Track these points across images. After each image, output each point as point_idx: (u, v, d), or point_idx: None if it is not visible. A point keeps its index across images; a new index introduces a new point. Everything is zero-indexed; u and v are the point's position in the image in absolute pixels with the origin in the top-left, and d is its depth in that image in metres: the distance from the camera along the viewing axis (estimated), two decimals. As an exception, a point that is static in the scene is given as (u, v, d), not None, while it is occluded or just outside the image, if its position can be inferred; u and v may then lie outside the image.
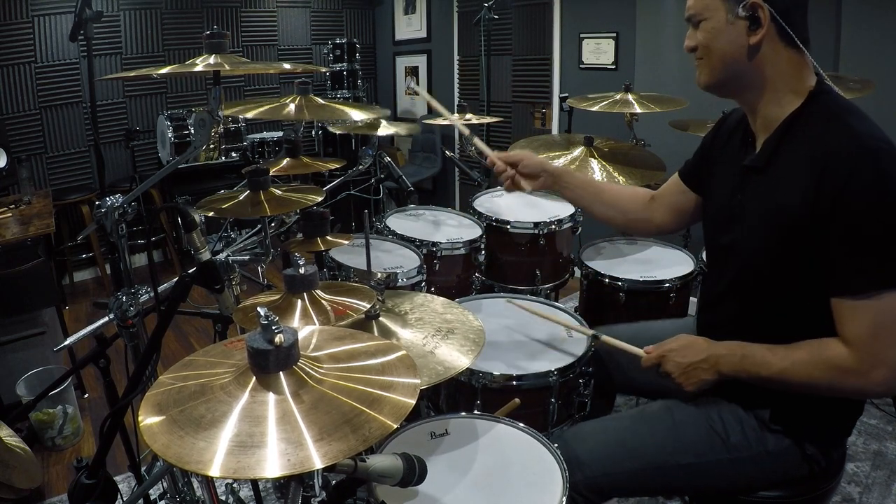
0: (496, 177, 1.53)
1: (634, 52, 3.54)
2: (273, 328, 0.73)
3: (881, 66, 2.52)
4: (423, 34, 5.16)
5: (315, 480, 0.81)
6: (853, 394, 1.09)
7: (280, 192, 1.49)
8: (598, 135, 2.37)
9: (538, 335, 1.56)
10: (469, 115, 2.55)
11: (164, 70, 1.25)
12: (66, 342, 1.24)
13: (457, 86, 4.91)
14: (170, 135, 3.93)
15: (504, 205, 2.31)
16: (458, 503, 1.00)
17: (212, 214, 1.39)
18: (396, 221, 2.25)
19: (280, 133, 4.48)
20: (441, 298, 1.43)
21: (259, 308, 0.75)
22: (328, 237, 1.51)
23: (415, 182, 3.97)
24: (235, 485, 1.87)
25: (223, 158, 4.26)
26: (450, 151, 3.70)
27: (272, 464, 0.63)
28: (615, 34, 3.63)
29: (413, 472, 0.88)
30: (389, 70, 5.59)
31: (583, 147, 2.28)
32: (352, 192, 2.59)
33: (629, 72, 3.55)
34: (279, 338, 0.73)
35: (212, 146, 4.17)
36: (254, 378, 0.74)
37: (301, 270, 1.10)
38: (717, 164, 1.27)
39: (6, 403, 2.40)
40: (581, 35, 3.83)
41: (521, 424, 1.19)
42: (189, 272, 1.12)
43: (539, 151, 2.24)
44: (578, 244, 2.23)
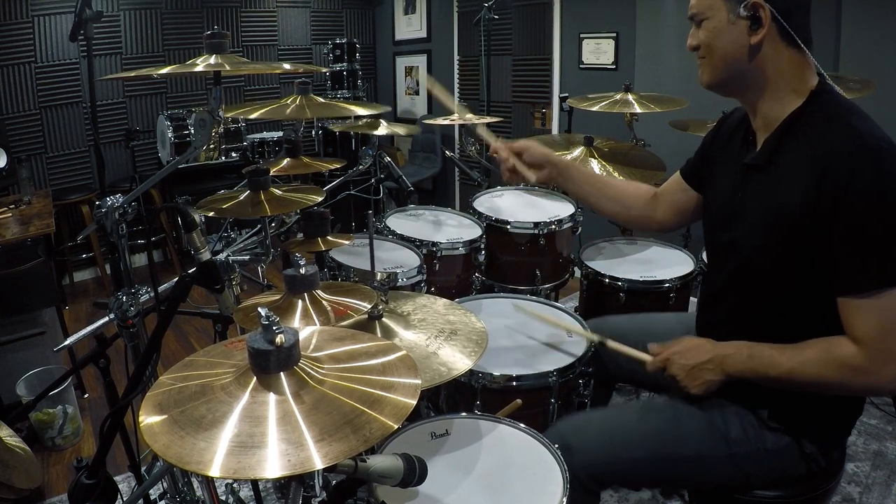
0: (497, 166, 1.52)
1: (634, 52, 3.54)
2: (274, 328, 0.73)
3: (881, 66, 2.52)
4: (423, 34, 5.16)
5: (315, 481, 0.82)
6: (863, 392, 1.09)
7: (280, 192, 1.49)
8: (598, 135, 2.37)
9: (538, 335, 1.56)
10: (469, 115, 2.55)
11: (165, 70, 1.25)
12: (66, 342, 1.24)
13: (457, 86, 4.91)
14: (170, 135, 3.92)
15: (504, 205, 2.30)
16: (459, 503, 1.00)
17: (212, 214, 1.39)
18: (396, 221, 2.25)
19: (280, 133, 4.47)
20: (443, 300, 1.43)
21: (260, 308, 0.75)
22: (328, 237, 1.51)
23: (415, 182, 3.97)
24: (236, 485, 1.87)
25: (223, 158, 4.26)
26: (450, 151, 3.70)
27: (273, 464, 0.63)
28: (615, 34, 3.63)
29: (413, 473, 0.88)
30: (389, 70, 5.59)
31: (583, 147, 2.28)
32: (352, 192, 2.59)
33: (629, 72, 3.55)
34: (280, 338, 0.73)
35: (212, 146, 4.17)
36: (254, 378, 0.74)
37: (301, 270, 1.10)
38: (718, 164, 1.28)
39: (6, 403, 2.40)
40: (581, 35, 3.83)
41: (522, 425, 1.19)
42: (189, 272, 1.12)
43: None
44: (578, 244, 2.23)
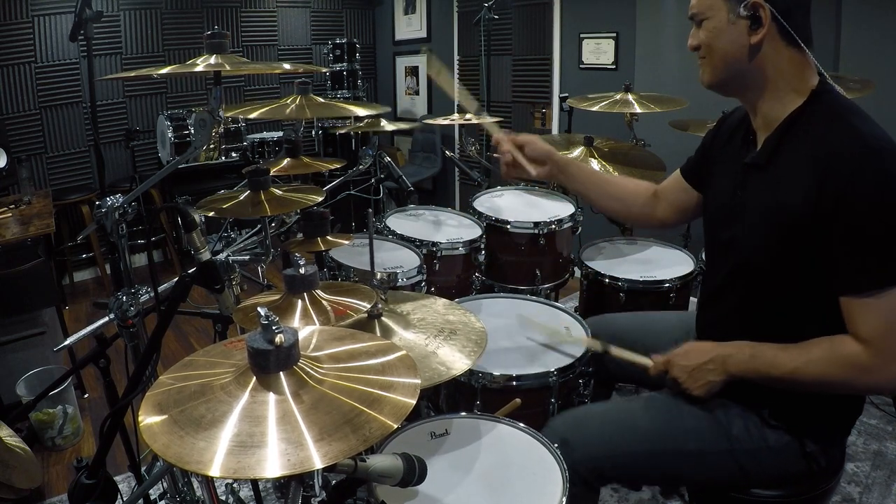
0: (497, 162, 1.52)
1: (634, 52, 3.54)
2: (273, 328, 0.73)
3: (881, 66, 2.52)
4: (423, 34, 5.16)
5: (315, 480, 0.81)
6: (867, 390, 1.09)
7: (280, 192, 1.49)
8: (598, 135, 2.37)
9: (538, 336, 1.56)
10: (469, 115, 2.55)
11: (165, 70, 1.25)
12: (66, 342, 1.24)
13: (457, 86, 4.90)
14: (170, 135, 3.92)
15: (504, 205, 2.30)
16: (458, 503, 1.00)
17: (212, 214, 1.39)
18: (396, 221, 2.25)
19: (280, 133, 4.47)
20: (442, 299, 1.43)
21: (259, 308, 0.75)
22: (328, 237, 1.51)
23: (415, 182, 3.97)
24: (235, 485, 1.87)
25: (223, 158, 4.26)
26: (450, 151, 3.70)
27: (272, 464, 0.63)
28: (615, 34, 3.63)
29: (413, 473, 0.88)
30: (389, 70, 5.59)
31: (583, 147, 2.28)
32: (352, 192, 2.59)
33: (629, 72, 3.54)
34: (279, 338, 0.73)
35: (212, 146, 4.17)
36: (254, 378, 0.74)
37: (301, 270, 1.10)
38: (718, 163, 1.28)
39: (6, 403, 2.40)
40: (581, 35, 3.83)
41: (522, 424, 1.19)
42: (189, 272, 1.12)
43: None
44: (578, 244, 2.23)
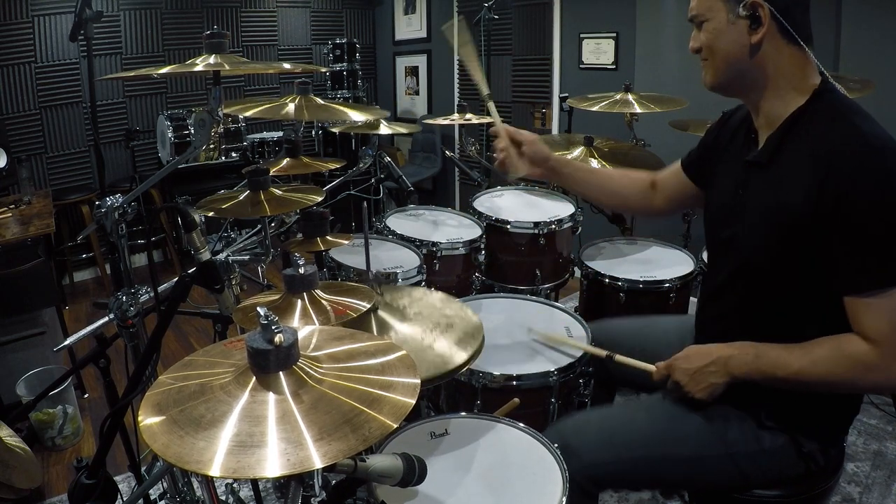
0: (494, 154, 1.51)
1: (634, 52, 3.54)
2: (273, 328, 0.72)
3: (881, 66, 2.52)
4: (423, 34, 5.16)
5: (315, 480, 0.81)
6: (872, 389, 1.09)
7: (280, 192, 1.49)
8: (598, 135, 2.37)
9: (543, 341, 1.56)
10: (469, 115, 2.55)
11: (164, 70, 1.25)
12: (66, 342, 1.24)
13: (457, 86, 4.91)
14: (170, 135, 3.93)
15: (504, 205, 2.30)
16: (458, 503, 1.00)
17: (212, 214, 1.39)
18: (396, 221, 2.25)
19: (280, 133, 4.47)
20: (439, 293, 1.43)
21: (259, 308, 0.75)
22: (328, 237, 1.51)
23: (415, 182, 3.97)
24: (235, 485, 1.87)
25: (223, 158, 4.26)
26: (450, 151, 3.70)
27: (272, 463, 0.63)
28: (615, 34, 3.63)
29: (413, 472, 0.88)
30: (389, 70, 5.59)
31: (583, 147, 2.28)
32: (352, 192, 2.58)
33: (629, 72, 3.54)
34: (279, 338, 0.73)
35: (212, 146, 4.17)
36: (254, 378, 0.74)
37: (301, 270, 1.10)
38: (721, 162, 1.27)
39: (6, 403, 2.40)
40: (581, 35, 3.83)
41: (521, 424, 1.19)
42: (189, 272, 1.12)
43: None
44: (578, 244, 2.23)
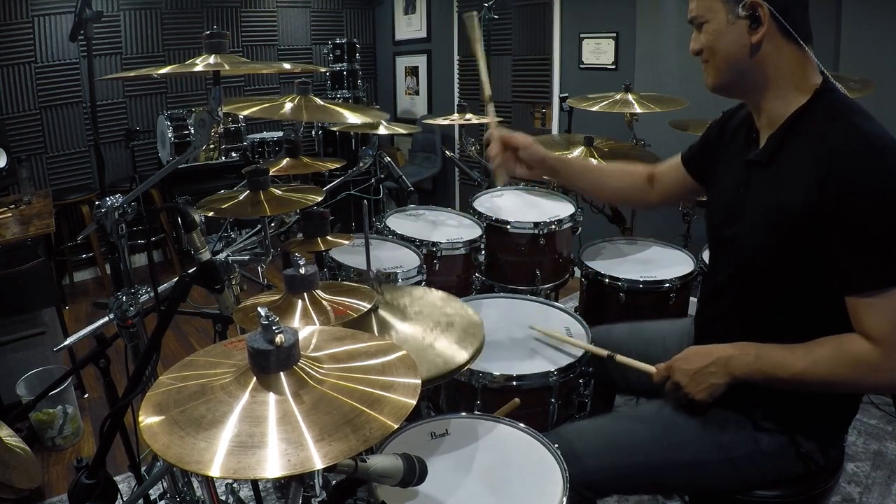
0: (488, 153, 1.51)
1: (634, 52, 3.54)
2: (273, 328, 0.72)
3: (881, 66, 2.52)
4: (423, 34, 5.16)
5: (315, 480, 0.81)
6: (874, 389, 1.09)
7: (280, 192, 1.49)
8: (598, 135, 2.38)
9: (538, 335, 1.56)
10: (469, 115, 2.55)
11: (164, 70, 1.25)
12: (66, 342, 1.24)
13: (457, 86, 4.91)
14: (170, 135, 3.92)
15: (504, 205, 2.30)
16: (459, 503, 1.00)
17: (212, 214, 1.39)
18: (396, 221, 2.25)
19: (280, 133, 4.47)
20: (439, 292, 1.43)
21: (259, 308, 0.74)
22: (328, 237, 1.51)
23: (415, 182, 3.96)
24: (235, 485, 1.87)
25: (223, 158, 4.26)
26: (450, 151, 3.70)
27: (272, 464, 0.63)
28: (615, 34, 3.63)
29: (413, 473, 0.88)
30: (389, 70, 5.59)
31: (583, 147, 2.29)
32: (352, 192, 2.58)
33: (629, 72, 3.54)
34: (280, 338, 0.73)
35: (212, 146, 4.17)
36: (254, 378, 0.74)
37: (301, 270, 1.10)
38: (722, 161, 1.27)
39: (6, 403, 2.40)
40: (581, 35, 3.83)
41: (522, 424, 1.19)
42: (189, 272, 1.12)
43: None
44: (578, 244, 2.23)
